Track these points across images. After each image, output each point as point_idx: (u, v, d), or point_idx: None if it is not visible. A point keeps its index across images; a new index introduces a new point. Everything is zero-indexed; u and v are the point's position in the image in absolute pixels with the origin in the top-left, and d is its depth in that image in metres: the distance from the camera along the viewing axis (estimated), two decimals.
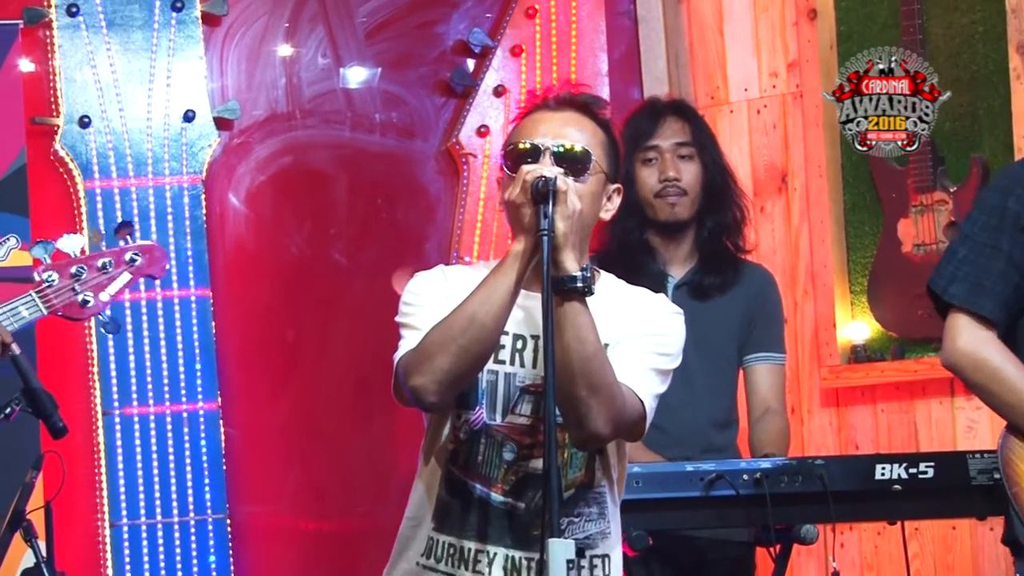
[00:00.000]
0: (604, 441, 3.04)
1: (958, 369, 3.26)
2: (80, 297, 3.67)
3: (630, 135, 4.35)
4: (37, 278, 3.73)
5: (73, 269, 3.73)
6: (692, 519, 4.00)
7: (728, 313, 4.37)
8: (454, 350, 2.94)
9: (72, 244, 3.75)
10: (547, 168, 3.00)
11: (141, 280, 3.91)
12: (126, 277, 3.78)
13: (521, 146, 3.07)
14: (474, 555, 3.06)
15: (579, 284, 2.92)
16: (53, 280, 3.69)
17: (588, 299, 2.95)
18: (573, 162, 3.05)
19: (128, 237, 3.83)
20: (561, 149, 3.05)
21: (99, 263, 3.76)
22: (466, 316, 2.95)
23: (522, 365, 3.07)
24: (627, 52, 5.85)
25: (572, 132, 3.09)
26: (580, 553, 3.02)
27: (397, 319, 3.13)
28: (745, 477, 3.92)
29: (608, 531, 3.14)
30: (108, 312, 3.86)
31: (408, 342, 3.04)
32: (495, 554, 3.06)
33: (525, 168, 2.99)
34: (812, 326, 5.53)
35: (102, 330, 4.05)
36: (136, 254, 3.79)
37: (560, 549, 2.77)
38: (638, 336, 3.07)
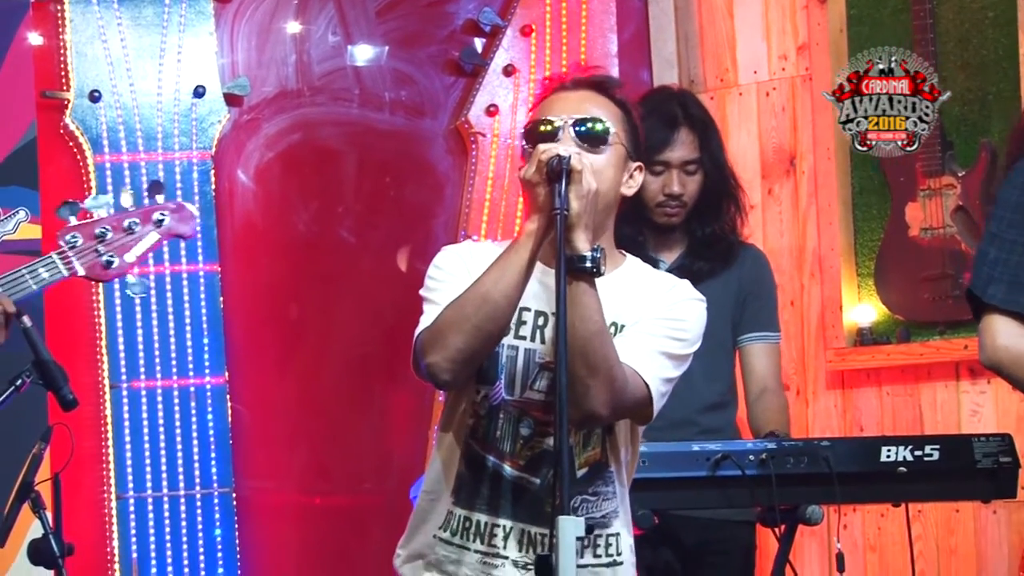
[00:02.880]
0: (602, 422, 3.04)
1: (1001, 367, 3.26)
2: (104, 258, 3.58)
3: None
4: (60, 240, 3.65)
5: (97, 230, 3.63)
6: (697, 499, 4.01)
7: (720, 295, 4.39)
8: (467, 329, 2.95)
9: (98, 204, 3.66)
10: (562, 147, 2.99)
11: (164, 245, 3.78)
12: (154, 237, 3.67)
13: (540, 125, 3.07)
14: (490, 529, 3.07)
15: (588, 264, 2.91)
16: (76, 241, 3.61)
17: (610, 280, 2.96)
18: (592, 135, 3.06)
19: (158, 196, 3.73)
20: (580, 124, 3.05)
21: (125, 223, 3.65)
22: (479, 295, 2.96)
23: (542, 341, 3.08)
24: (636, 33, 5.85)
25: (590, 108, 3.10)
26: (590, 530, 3.04)
27: (422, 292, 3.13)
28: (751, 457, 3.93)
29: (619, 510, 3.15)
30: (135, 274, 3.76)
31: (427, 317, 3.05)
32: (511, 528, 3.07)
33: (541, 147, 2.99)
34: (818, 308, 5.54)
35: (128, 293, 3.92)
36: (164, 213, 3.66)
37: (569, 526, 2.77)
38: (653, 319, 3.08)
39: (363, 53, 5.59)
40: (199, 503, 5.09)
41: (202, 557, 5.05)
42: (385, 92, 5.59)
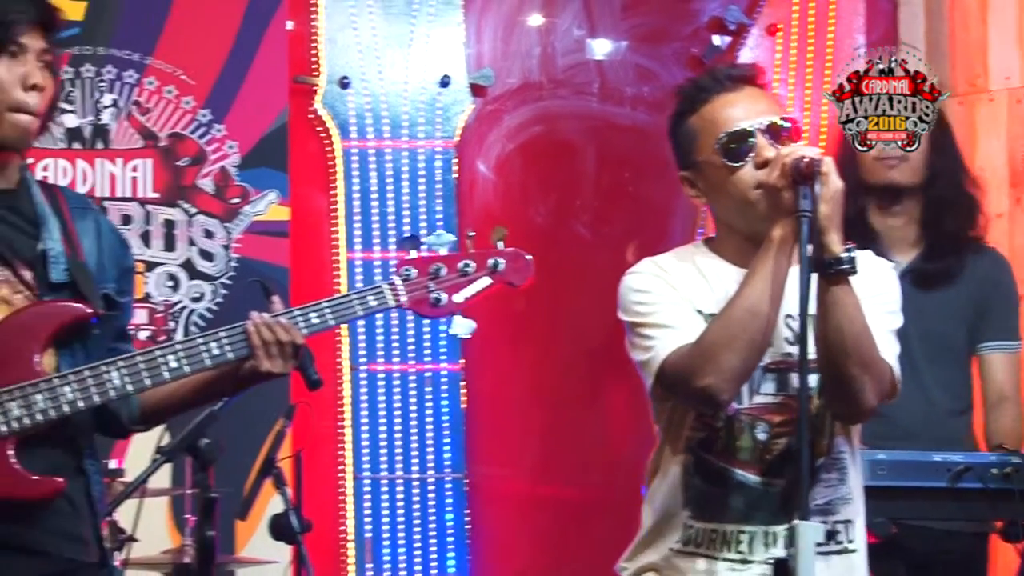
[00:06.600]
0: (873, 414, 3.01)
1: None
2: (433, 295, 3.62)
3: None
4: (396, 274, 3.70)
5: (432, 267, 3.65)
6: (936, 509, 3.95)
7: (956, 301, 4.29)
8: (740, 346, 2.90)
9: (440, 242, 3.70)
10: (806, 148, 2.96)
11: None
12: (486, 281, 3.66)
13: (732, 133, 3.00)
14: (736, 536, 3.04)
15: (846, 266, 2.89)
16: (411, 275, 3.66)
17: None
18: (781, 134, 3.01)
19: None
20: (768, 124, 3.00)
21: (460, 264, 3.68)
22: (746, 310, 2.91)
23: None
24: (885, 35, 5.77)
25: (764, 106, 3.05)
26: (830, 534, 3.01)
27: (632, 319, 3.06)
28: (994, 471, 3.85)
29: (850, 496, 3.08)
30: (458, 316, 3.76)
31: (665, 342, 2.99)
32: (756, 532, 3.04)
33: (784, 150, 2.95)
34: None
35: (451, 332, 3.89)
36: (499, 260, 3.68)
37: (809, 532, 2.75)
38: (865, 301, 2.99)
39: (607, 47, 5.60)
40: (432, 487, 5.15)
41: (433, 540, 5.12)
42: (627, 87, 5.61)
